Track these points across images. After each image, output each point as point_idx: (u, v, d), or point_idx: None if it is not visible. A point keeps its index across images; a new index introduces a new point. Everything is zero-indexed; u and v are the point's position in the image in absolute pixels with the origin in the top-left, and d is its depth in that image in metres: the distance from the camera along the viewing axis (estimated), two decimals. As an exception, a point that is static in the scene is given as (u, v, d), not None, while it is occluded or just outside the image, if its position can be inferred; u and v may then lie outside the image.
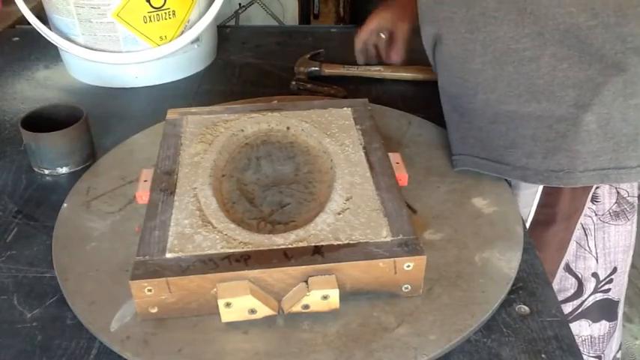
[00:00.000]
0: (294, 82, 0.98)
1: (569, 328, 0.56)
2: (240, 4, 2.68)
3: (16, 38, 1.20)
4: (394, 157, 0.71)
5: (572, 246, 0.80)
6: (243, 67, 1.09)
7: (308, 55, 1.05)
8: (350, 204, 0.61)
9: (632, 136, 0.67)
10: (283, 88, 0.98)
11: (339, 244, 0.56)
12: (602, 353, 0.89)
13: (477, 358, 0.54)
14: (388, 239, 0.56)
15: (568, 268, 0.81)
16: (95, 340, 0.55)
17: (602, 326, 0.86)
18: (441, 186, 0.72)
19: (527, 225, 0.77)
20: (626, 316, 1.76)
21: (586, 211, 0.77)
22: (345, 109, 0.77)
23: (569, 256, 0.80)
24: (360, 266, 0.54)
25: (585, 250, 0.80)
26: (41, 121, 0.78)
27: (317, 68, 1.02)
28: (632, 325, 1.75)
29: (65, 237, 0.66)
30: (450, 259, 0.62)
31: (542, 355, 0.54)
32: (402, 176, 0.69)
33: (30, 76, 1.06)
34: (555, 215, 0.77)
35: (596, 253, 0.81)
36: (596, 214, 0.78)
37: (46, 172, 0.78)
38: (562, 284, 0.82)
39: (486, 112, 0.71)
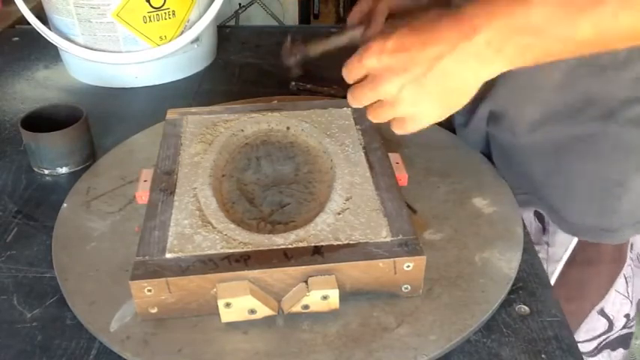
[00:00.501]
0: (293, 83, 0.98)
1: (569, 328, 0.56)
2: (240, 4, 2.67)
3: (16, 38, 1.20)
4: (394, 157, 0.71)
5: (612, 294, 0.79)
6: (243, 67, 1.09)
7: (287, 43, 0.95)
8: (350, 204, 0.61)
9: None
10: (283, 88, 0.98)
11: (338, 245, 0.56)
12: None
13: (476, 358, 0.54)
14: (388, 239, 0.56)
15: (602, 312, 0.80)
16: (95, 340, 0.55)
17: (618, 353, 0.85)
18: (441, 186, 0.72)
19: (563, 262, 0.77)
20: (626, 316, 1.76)
21: (628, 260, 0.77)
22: (345, 109, 0.77)
23: (606, 302, 0.79)
24: (359, 266, 0.54)
25: (624, 296, 0.79)
26: (41, 121, 0.77)
27: (305, 54, 0.94)
28: (632, 325, 1.74)
29: (65, 237, 0.66)
30: (450, 259, 0.62)
31: (542, 355, 0.54)
32: (402, 176, 0.69)
33: (30, 76, 1.06)
34: (599, 256, 0.76)
35: (632, 297, 0.81)
36: (632, 260, 0.78)
37: (46, 172, 0.78)
38: (592, 325, 0.81)
39: (543, 164, 0.71)
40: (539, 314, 0.57)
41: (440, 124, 0.82)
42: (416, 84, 0.53)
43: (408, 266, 0.55)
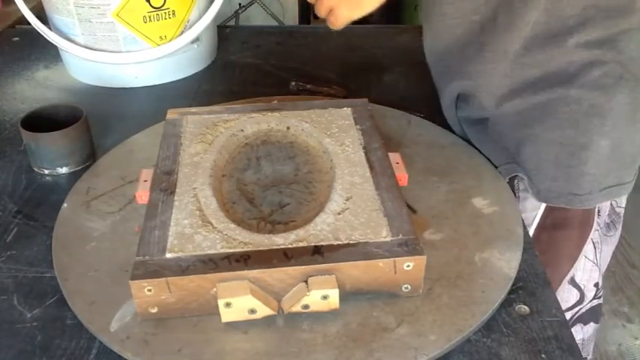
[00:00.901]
0: (293, 83, 0.98)
1: (569, 328, 0.56)
2: (240, 4, 2.67)
3: (16, 38, 1.20)
4: (394, 157, 0.71)
5: (582, 260, 0.80)
6: (243, 67, 1.09)
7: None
8: (350, 204, 0.61)
9: (634, 155, 0.71)
10: (283, 88, 0.98)
11: (338, 244, 0.56)
12: (588, 355, 0.91)
13: (476, 358, 0.54)
14: (388, 239, 0.56)
15: (572, 281, 0.81)
16: (95, 340, 0.55)
17: (590, 328, 0.86)
18: (441, 186, 0.72)
19: (534, 227, 0.78)
20: (626, 316, 1.76)
21: (595, 225, 0.78)
22: (345, 109, 0.77)
23: (576, 270, 0.80)
24: (359, 266, 0.54)
25: (593, 263, 0.81)
26: (41, 121, 0.77)
27: None
28: (632, 325, 1.75)
29: (65, 237, 0.66)
30: (450, 259, 0.62)
31: (542, 355, 0.54)
32: (402, 176, 0.69)
33: (30, 76, 1.06)
34: (568, 219, 0.77)
35: (600, 264, 0.82)
36: (600, 227, 0.79)
37: (46, 172, 0.78)
38: (564, 296, 0.82)
39: (514, 134, 0.73)
40: (539, 314, 0.57)
41: (440, 124, 0.83)
42: None
43: (408, 266, 0.55)
